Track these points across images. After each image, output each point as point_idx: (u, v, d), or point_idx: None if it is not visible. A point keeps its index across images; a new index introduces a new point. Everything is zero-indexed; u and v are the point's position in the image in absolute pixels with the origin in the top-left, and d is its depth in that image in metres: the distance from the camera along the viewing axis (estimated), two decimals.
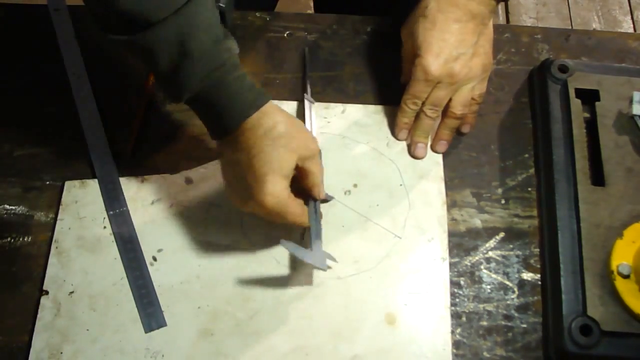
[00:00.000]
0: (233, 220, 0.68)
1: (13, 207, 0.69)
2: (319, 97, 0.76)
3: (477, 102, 0.73)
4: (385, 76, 0.78)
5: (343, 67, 0.78)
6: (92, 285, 0.65)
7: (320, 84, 0.77)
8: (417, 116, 0.73)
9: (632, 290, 0.62)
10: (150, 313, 0.64)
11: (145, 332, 0.63)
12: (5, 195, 0.70)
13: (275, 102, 0.62)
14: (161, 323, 0.64)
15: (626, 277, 0.63)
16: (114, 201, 0.69)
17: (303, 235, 0.68)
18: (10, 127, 0.73)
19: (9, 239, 0.68)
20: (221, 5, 0.60)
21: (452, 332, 0.65)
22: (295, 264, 0.67)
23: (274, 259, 0.67)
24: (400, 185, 0.71)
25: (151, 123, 0.74)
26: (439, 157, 0.73)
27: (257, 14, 0.81)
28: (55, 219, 0.68)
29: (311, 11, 0.93)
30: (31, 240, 0.68)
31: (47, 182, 0.70)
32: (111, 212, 0.68)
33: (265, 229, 0.68)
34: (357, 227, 0.69)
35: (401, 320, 0.65)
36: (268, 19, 0.81)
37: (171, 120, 0.75)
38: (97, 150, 0.71)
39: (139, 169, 0.71)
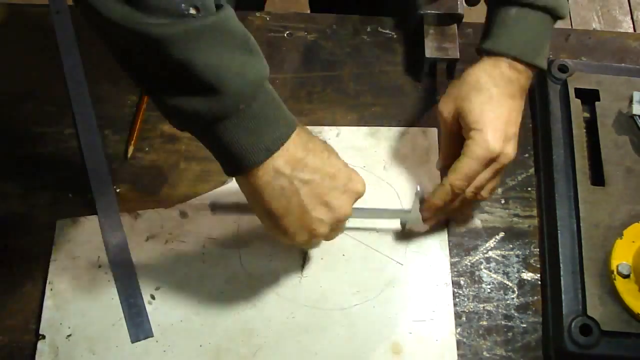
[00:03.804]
0: (231, 253, 0.67)
1: (13, 207, 0.69)
2: (319, 96, 0.76)
3: (494, 192, 0.69)
4: (385, 76, 0.78)
5: (343, 67, 0.79)
6: (90, 327, 0.63)
7: (320, 84, 0.78)
8: (451, 194, 0.64)
9: (632, 290, 0.63)
10: (138, 323, 0.63)
11: (132, 342, 0.62)
12: (5, 195, 0.70)
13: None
14: (148, 333, 0.63)
15: (626, 276, 0.63)
16: (104, 207, 0.68)
17: (304, 262, 0.67)
18: (10, 127, 0.73)
19: (9, 238, 0.68)
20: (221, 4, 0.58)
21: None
22: (296, 296, 0.65)
23: (274, 292, 0.65)
24: (400, 210, 0.70)
25: (151, 123, 0.74)
26: (437, 179, 0.71)
27: (257, 14, 0.82)
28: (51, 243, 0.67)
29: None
30: (31, 240, 0.67)
31: (47, 182, 0.70)
32: (103, 219, 0.67)
33: (264, 261, 0.67)
34: (357, 255, 0.67)
35: (407, 349, 0.63)
36: (268, 19, 0.81)
37: None
38: (92, 156, 0.71)
39: (139, 169, 0.71)
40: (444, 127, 0.68)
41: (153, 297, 0.65)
